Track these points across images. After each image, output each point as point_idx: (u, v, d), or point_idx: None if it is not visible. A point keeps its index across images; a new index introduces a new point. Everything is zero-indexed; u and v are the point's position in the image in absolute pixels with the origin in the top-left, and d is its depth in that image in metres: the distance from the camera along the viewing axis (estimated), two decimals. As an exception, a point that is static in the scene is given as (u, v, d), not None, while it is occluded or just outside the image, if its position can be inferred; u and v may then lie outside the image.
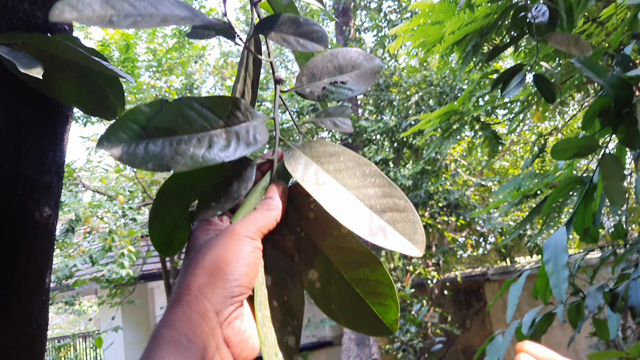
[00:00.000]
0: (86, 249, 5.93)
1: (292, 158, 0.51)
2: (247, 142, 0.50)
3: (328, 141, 0.53)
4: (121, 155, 0.42)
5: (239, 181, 0.53)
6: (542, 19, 1.13)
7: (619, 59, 1.48)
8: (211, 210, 0.51)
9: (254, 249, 0.46)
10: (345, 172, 0.49)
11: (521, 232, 6.20)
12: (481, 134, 3.41)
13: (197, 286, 0.44)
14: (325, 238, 0.51)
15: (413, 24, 3.29)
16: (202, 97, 0.49)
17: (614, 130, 1.37)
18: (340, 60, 0.61)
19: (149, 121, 0.44)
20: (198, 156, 0.45)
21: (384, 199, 0.47)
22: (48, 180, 0.76)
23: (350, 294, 0.50)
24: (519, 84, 1.25)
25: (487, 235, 8.64)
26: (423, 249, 0.44)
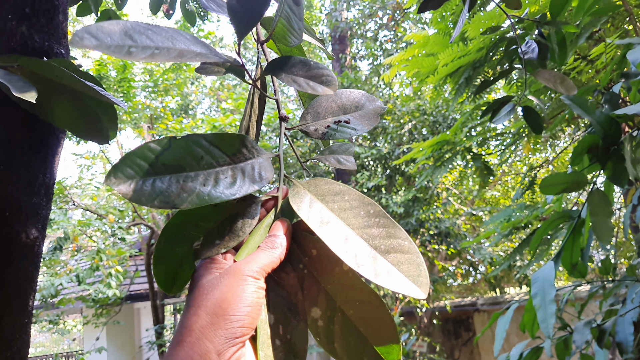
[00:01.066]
0: (73, 268, 5.86)
1: (297, 196, 0.52)
2: (253, 179, 0.50)
3: (332, 180, 0.53)
4: (128, 192, 0.42)
5: (244, 218, 0.52)
6: (531, 55, 1.16)
7: (607, 97, 1.51)
8: (215, 248, 0.51)
9: (257, 288, 0.46)
10: (350, 211, 0.49)
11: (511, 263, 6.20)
12: (473, 164, 3.43)
13: (199, 327, 0.43)
14: (327, 275, 0.51)
15: (408, 55, 3.34)
16: (210, 135, 0.50)
17: (602, 167, 1.39)
18: (344, 101, 0.63)
19: (157, 158, 0.45)
20: (204, 194, 0.46)
21: (388, 239, 0.47)
22: (36, 202, 0.76)
23: (353, 332, 0.50)
24: (507, 113, 1.27)
25: (477, 265, 8.63)
26: (427, 291, 0.44)
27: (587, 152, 1.42)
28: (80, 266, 5.95)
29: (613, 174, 1.36)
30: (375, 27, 9.23)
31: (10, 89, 0.62)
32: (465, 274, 9.15)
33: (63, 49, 0.84)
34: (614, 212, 2.18)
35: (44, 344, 22.99)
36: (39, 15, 0.81)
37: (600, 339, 1.69)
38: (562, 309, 1.93)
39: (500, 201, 9.32)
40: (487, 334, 7.37)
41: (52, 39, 0.82)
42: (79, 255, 6.58)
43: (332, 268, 0.51)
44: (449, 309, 7.69)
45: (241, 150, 0.51)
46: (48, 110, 0.75)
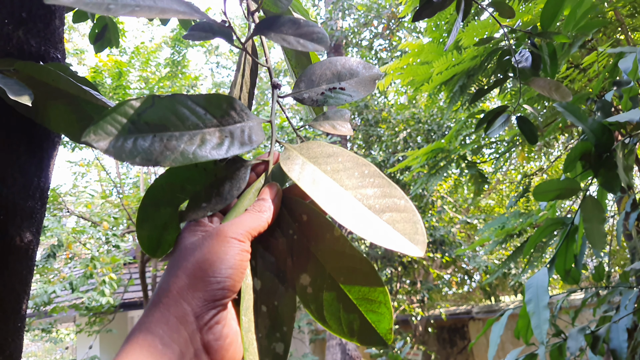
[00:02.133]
0: (67, 275, 5.83)
1: (288, 159, 0.50)
2: (242, 142, 0.48)
3: (326, 142, 0.51)
4: (108, 148, 0.41)
5: (232, 182, 0.51)
6: (525, 63, 1.17)
7: (600, 105, 1.53)
8: (201, 210, 0.49)
9: (240, 251, 0.44)
10: (344, 172, 0.48)
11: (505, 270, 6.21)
12: (467, 172, 3.45)
13: (177, 288, 0.42)
14: (318, 242, 0.49)
15: (402, 63, 3.36)
16: (196, 95, 0.48)
17: (595, 174, 1.40)
18: (339, 68, 0.61)
19: (139, 116, 0.43)
20: (189, 152, 0.44)
21: (383, 199, 0.46)
22: (31, 206, 0.76)
23: (343, 300, 0.49)
24: (502, 124, 1.28)
25: (472, 273, 8.64)
26: (424, 249, 0.42)
27: (580, 159, 1.43)
28: (73, 274, 5.92)
29: (605, 181, 1.37)
30: (370, 36, 9.28)
31: (6, 92, 0.62)
32: (461, 282, 9.16)
33: (59, 54, 0.84)
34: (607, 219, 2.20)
35: (36, 354, 22.78)
36: (35, 20, 0.82)
37: (594, 346, 1.69)
38: (556, 315, 1.93)
39: (495, 209, 9.34)
40: (483, 342, 7.37)
41: (49, 43, 0.82)
42: (73, 263, 6.55)
43: (322, 234, 0.49)
44: (444, 317, 7.69)
45: (230, 113, 0.49)
46: (44, 114, 0.75)
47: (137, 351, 0.38)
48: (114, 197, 7.23)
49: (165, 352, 0.39)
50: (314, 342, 8.34)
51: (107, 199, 7.24)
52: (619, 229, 2.04)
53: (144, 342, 0.39)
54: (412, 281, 7.80)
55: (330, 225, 0.48)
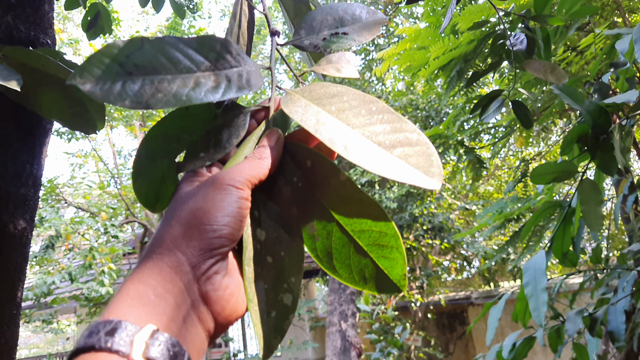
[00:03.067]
0: (66, 266, 5.84)
1: (290, 101, 0.48)
2: (239, 85, 0.46)
3: (329, 83, 0.49)
4: (95, 90, 0.39)
5: (230, 130, 0.48)
6: (520, 47, 1.16)
7: (596, 87, 1.52)
8: (199, 160, 0.47)
9: (238, 198, 0.42)
10: (350, 111, 0.45)
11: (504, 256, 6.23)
12: (465, 159, 3.45)
13: (170, 238, 0.39)
14: (323, 187, 0.47)
15: (399, 49, 3.34)
16: (188, 38, 0.45)
17: (592, 156, 1.40)
18: (340, 13, 0.58)
19: (127, 58, 0.41)
20: (182, 94, 0.42)
21: (393, 134, 0.43)
22: (24, 193, 0.76)
23: (353, 247, 0.47)
24: (497, 108, 1.27)
25: (471, 259, 8.67)
26: (440, 181, 0.40)
27: (577, 141, 1.42)
28: (72, 264, 5.94)
29: (602, 163, 1.37)
30: (367, 23, 9.20)
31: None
32: (460, 268, 9.19)
33: (49, 39, 0.83)
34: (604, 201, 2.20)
35: (37, 345, 22.90)
36: (24, 5, 0.81)
37: (592, 328, 1.70)
38: (554, 298, 1.94)
39: (493, 195, 9.35)
40: (483, 327, 7.42)
41: (38, 29, 0.81)
42: (72, 254, 6.56)
43: (328, 179, 0.47)
44: (444, 303, 7.73)
45: (225, 57, 0.46)
46: (35, 100, 0.75)
47: (127, 303, 0.36)
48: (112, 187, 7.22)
49: (158, 303, 0.36)
50: (314, 329, 8.38)
51: (105, 190, 7.24)
52: (616, 212, 2.04)
53: (135, 293, 0.36)
54: (411, 267, 7.83)
55: (335, 170, 0.46)
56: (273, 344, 0.45)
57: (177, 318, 0.37)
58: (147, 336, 0.33)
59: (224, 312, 0.41)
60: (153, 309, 0.36)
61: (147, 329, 0.34)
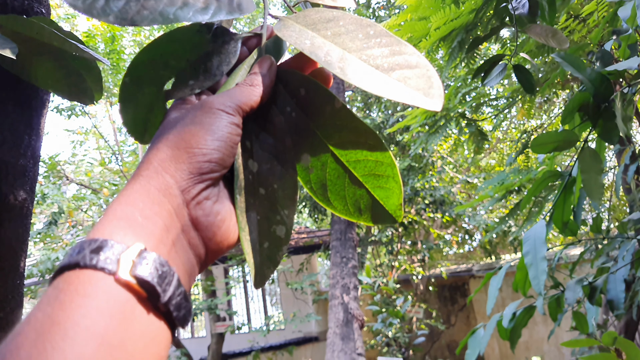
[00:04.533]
0: (69, 242, 5.89)
1: (283, 27, 0.46)
2: (230, 8, 0.44)
3: (325, 8, 0.47)
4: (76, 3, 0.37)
5: (221, 56, 0.46)
6: (522, 10, 1.14)
7: (598, 55, 1.50)
8: (188, 88, 0.45)
9: (229, 123, 0.40)
10: (346, 35, 0.44)
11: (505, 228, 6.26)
12: (467, 131, 3.44)
13: (158, 160, 0.38)
14: (318, 117, 0.46)
15: (400, 20, 3.30)
16: None
17: (593, 125, 1.39)
18: None
19: None
20: (169, 13, 0.40)
21: (392, 57, 0.42)
22: (23, 164, 0.76)
23: (348, 178, 0.46)
24: (499, 73, 1.26)
25: (473, 233, 8.71)
26: (441, 102, 0.39)
27: (578, 110, 1.41)
28: (76, 240, 5.98)
29: (604, 131, 1.36)
30: (367, -5, 9.10)
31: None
32: (461, 241, 9.24)
33: (43, 8, 0.82)
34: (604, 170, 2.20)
35: (45, 320, 23.24)
36: (17, -27, 0.79)
37: (591, 297, 1.71)
38: (554, 268, 1.96)
39: (495, 168, 9.35)
40: (484, 299, 7.49)
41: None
42: (75, 230, 6.60)
43: (322, 108, 0.45)
44: (445, 275, 7.79)
45: None
46: (30, 71, 0.74)
47: (113, 223, 0.34)
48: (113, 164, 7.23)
49: (145, 225, 0.35)
50: (317, 302, 8.47)
51: (107, 167, 7.25)
52: (617, 182, 2.04)
53: (122, 214, 0.35)
54: (413, 241, 7.87)
55: (330, 97, 0.44)
56: (265, 273, 0.44)
57: (165, 240, 0.36)
58: (135, 255, 0.32)
59: (215, 238, 0.40)
60: (141, 230, 0.34)
61: (135, 247, 0.33)
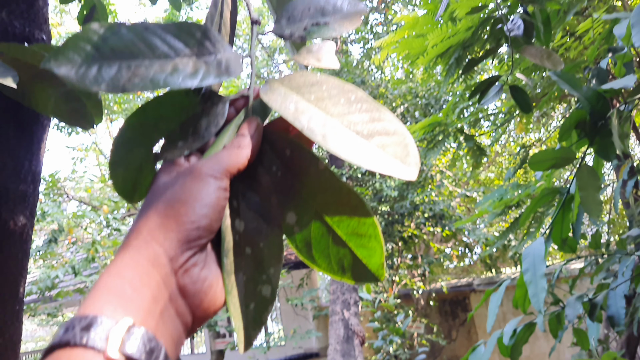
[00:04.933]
0: (69, 260, 5.87)
1: (269, 90, 0.47)
2: (218, 72, 0.46)
3: (309, 72, 0.49)
4: (70, 74, 0.38)
5: (209, 118, 0.48)
6: (517, 32, 1.16)
7: (594, 72, 1.51)
8: (177, 150, 0.46)
9: (217, 188, 0.41)
10: (329, 100, 0.45)
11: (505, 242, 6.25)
12: (465, 146, 3.45)
13: (147, 229, 0.38)
14: (302, 176, 0.47)
15: (398, 37, 3.33)
16: (169, 24, 0.45)
17: (590, 142, 1.39)
18: (322, 3, 0.58)
19: (104, 42, 0.40)
20: (159, 79, 0.41)
21: (372, 123, 0.43)
22: (23, 190, 0.76)
23: (331, 236, 0.46)
24: (496, 94, 1.27)
25: (473, 246, 8.69)
26: (417, 171, 0.40)
27: (575, 127, 1.42)
28: (76, 258, 5.96)
29: (601, 148, 1.37)
30: (365, 11, 9.16)
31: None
32: (461, 255, 9.21)
33: (44, 35, 0.83)
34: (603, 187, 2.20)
35: (44, 338, 23.06)
36: (18, 1, 0.81)
37: (591, 313, 1.71)
38: (554, 284, 1.95)
39: (494, 182, 9.36)
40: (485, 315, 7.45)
41: (33, 24, 0.81)
42: (75, 247, 6.59)
43: (307, 168, 0.46)
44: (446, 290, 7.76)
45: (204, 43, 0.46)
46: (31, 96, 0.75)
47: (103, 297, 0.35)
48: (113, 181, 7.23)
49: (134, 297, 0.35)
50: (317, 318, 8.42)
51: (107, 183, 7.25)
52: (616, 197, 2.05)
53: (112, 287, 0.36)
54: (413, 255, 7.85)
55: (314, 159, 0.46)
56: (252, 335, 0.45)
57: (154, 312, 0.36)
58: (123, 331, 0.33)
59: (202, 304, 0.40)
60: (130, 303, 0.35)
61: (123, 323, 0.33)
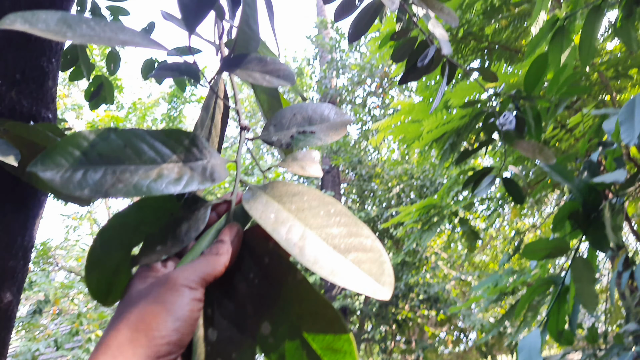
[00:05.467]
0: (52, 332, 5.68)
1: (251, 198, 0.48)
2: (202, 178, 0.46)
3: (291, 182, 0.49)
4: (54, 179, 0.39)
5: (190, 222, 0.48)
6: (509, 126, 1.20)
7: (586, 165, 1.55)
8: (155, 254, 0.45)
9: (191, 300, 0.40)
10: (309, 211, 0.46)
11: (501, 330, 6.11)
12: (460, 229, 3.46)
13: (117, 344, 0.37)
14: (280, 286, 0.46)
15: (394, 121, 3.43)
16: (156, 130, 0.46)
17: (584, 233, 1.40)
18: (309, 113, 0.60)
19: (92, 147, 0.41)
20: (142, 185, 0.42)
21: (349, 238, 0.43)
22: (13, 266, 0.75)
23: (306, 350, 0.45)
24: (488, 185, 1.29)
25: (468, 332, 8.48)
26: (391, 290, 0.40)
27: (569, 218, 1.43)
28: (59, 330, 5.77)
29: (594, 240, 1.38)
30: (364, 94, 9.49)
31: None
32: (456, 340, 8.96)
33: (50, 113, 0.85)
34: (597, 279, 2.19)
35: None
36: (28, 81, 0.83)
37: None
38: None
39: (489, 266, 9.28)
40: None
41: (40, 103, 0.84)
42: (59, 319, 6.39)
43: (284, 278, 0.46)
44: (440, 377, 7.48)
45: (191, 150, 0.47)
46: (31, 173, 0.76)
47: None
48: (105, 251, 7.15)
49: None
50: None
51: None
52: (611, 288, 2.03)
53: None
54: (407, 340, 7.64)
55: (292, 269, 0.45)
56: None
57: None
58: None
59: None
60: None
61: None
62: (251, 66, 0.57)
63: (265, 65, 0.57)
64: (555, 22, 1.41)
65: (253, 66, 0.57)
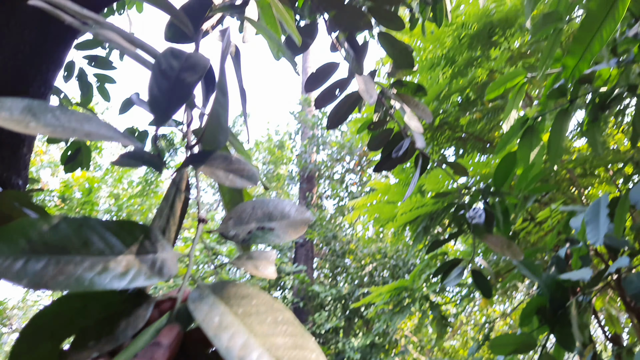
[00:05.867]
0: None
1: (198, 298, 0.45)
2: (150, 273, 0.44)
3: (243, 283, 0.48)
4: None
5: (129, 319, 0.45)
6: (478, 220, 1.22)
7: (554, 260, 1.57)
8: (86, 351, 0.42)
9: None
10: (256, 316, 0.44)
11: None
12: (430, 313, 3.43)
13: None
14: None
15: (370, 200, 3.48)
16: (109, 221, 0.45)
17: (551, 330, 1.40)
18: (270, 209, 0.60)
19: (39, 235, 0.40)
20: (85, 279, 0.40)
21: (293, 350, 0.41)
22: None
23: None
24: (457, 276, 1.30)
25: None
26: None
27: (536, 313, 1.44)
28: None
29: (561, 337, 1.37)
30: (342, 171, 9.64)
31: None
32: None
33: (21, 180, 0.85)
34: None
35: None
36: (3, 147, 0.83)
37: None
38: None
39: (459, 352, 9.11)
40: None
41: (12, 170, 0.83)
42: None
43: None
44: None
45: (143, 243, 0.46)
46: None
47: None
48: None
49: None
50: None
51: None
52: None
53: None
54: None
55: None
56: None
57: None
58: None
59: None
60: None
61: None
62: (216, 163, 0.58)
63: (230, 164, 0.58)
64: (526, 121, 1.47)
65: (218, 164, 0.58)
